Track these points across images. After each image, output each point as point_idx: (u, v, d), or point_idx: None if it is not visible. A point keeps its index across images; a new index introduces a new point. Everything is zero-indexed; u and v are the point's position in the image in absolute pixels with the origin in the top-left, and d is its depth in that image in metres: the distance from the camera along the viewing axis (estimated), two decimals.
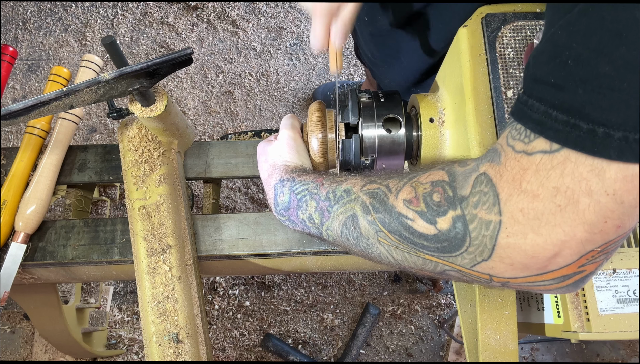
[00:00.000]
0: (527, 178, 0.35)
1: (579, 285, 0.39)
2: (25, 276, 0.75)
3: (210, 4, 1.82)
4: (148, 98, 0.64)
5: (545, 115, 0.34)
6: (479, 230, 0.38)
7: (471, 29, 0.60)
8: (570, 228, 0.33)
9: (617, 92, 0.30)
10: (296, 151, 0.64)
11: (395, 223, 0.43)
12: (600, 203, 0.32)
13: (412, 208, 0.42)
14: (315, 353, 1.44)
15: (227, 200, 1.58)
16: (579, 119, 0.31)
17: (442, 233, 0.40)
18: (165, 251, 0.68)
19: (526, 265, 0.37)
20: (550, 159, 0.33)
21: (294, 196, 0.58)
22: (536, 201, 0.34)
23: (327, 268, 0.78)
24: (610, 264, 0.62)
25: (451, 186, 0.41)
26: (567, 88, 0.32)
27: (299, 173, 0.60)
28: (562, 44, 0.33)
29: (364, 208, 0.47)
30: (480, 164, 0.40)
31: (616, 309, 0.60)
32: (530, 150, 0.35)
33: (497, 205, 0.36)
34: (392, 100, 0.65)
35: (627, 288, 0.61)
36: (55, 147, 0.77)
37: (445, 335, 1.44)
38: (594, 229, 0.33)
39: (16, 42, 1.79)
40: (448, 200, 0.40)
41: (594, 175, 0.31)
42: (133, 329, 1.45)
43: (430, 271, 0.44)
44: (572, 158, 0.32)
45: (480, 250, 0.38)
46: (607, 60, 0.30)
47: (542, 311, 0.66)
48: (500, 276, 0.39)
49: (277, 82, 1.74)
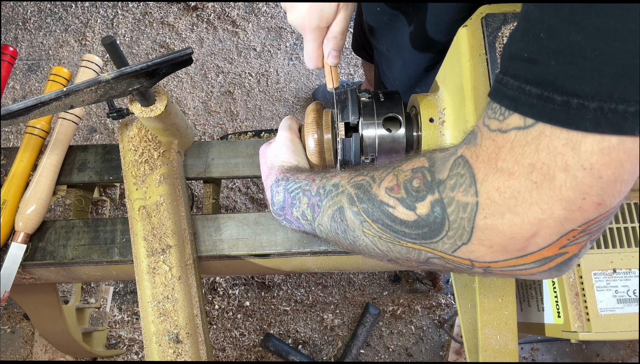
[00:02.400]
0: (502, 156, 0.34)
1: (563, 268, 0.37)
2: (25, 276, 0.75)
3: (210, 4, 1.82)
4: (148, 98, 0.64)
5: (519, 90, 0.33)
6: (457, 213, 0.37)
7: (471, 29, 0.60)
8: (548, 205, 0.32)
9: (589, 61, 0.29)
10: (292, 151, 0.65)
11: (377, 212, 0.43)
12: (577, 178, 0.31)
13: (392, 195, 0.42)
14: (315, 353, 1.44)
15: (227, 200, 1.58)
16: (553, 91, 0.30)
17: (421, 218, 0.39)
18: (165, 251, 0.68)
19: (505, 246, 0.36)
20: (524, 135, 0.32)
21: (287, 194, 0.59)
22: (512, 179, 0.33)
23: (327, 268, 0.78)
24: (610, 264, 0.62)
25: (430, 171, 0.40)
26: (539, 61, 0.31)
27: (293, 172, 0.61)
28: (534, 18, 0.32)
29: (350, 199, 0.47)
30: (458, 147, 0.39)
31: (616, 309, 0.60)
32: (505, 127, 0.34)
33: (473, 186, 0.36)
34: (392, 99, 0.65)
35: (627, 288, 0.61)
36: (55, 147, 0.77)
37: (445, 335, 1.44)
38: (572, 206, 0.32)
39: (16, 42, 1.79)
40: (426, 185, 0.40)
41: (569, 148, 0.30)
42: (133, 329, 1.45)
43: (415, 260, 0.44)
44: (547, 132, 0.31)
45: (460, 233, 0.37)
46: (578, 28, 0.29)
47: (542, 311, 0.66)
48: (480, 260, 0.38)
49: (277, 82, 1.74)
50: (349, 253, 0.73)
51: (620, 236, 0.64)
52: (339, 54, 0.62)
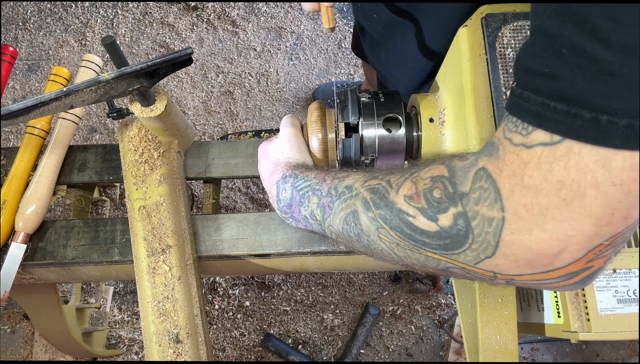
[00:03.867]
0: (528, 172, 0.33)
1: (587, 281, 0.37)
2: (25, 276, 0.75)
3: (210, 4, 1.82)
4: (148, 98, 0.64)
5: (543, 106, 0.32)
6: (481, 227, 0.37)
7: (471, 29, 0.60)
8: (577, 222, 0.32)
9: (618, 78, 0.29)
10: (298, 147, 0.64)
11: (396, 219, 0.43)
12: (607, 194, 0.31)
13: (412, 204, 0.42)
14: (315, 353, 1.44)
15: (227, 200, 1.58)
16: (580, 108, 0.30)
17: (443, 230, 0.39)
18: (165, 251, 0.68)
19: (531, 262, 0.36)
20: (552, 151, 0.32)
21: (296, 192, 0.58)
22: (540, 196, 0.33)
23: (327, 268, 0.78)
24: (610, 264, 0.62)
25: (451, 181, 0.40)
26: (564, 77, 0.31)
27: (301, 169, 0.60)
28: (553, 33, 0.32)
29: (365, 204, 0.46)
30: (478, 158, 0.39)
31: (616, 309, 0.60)
32: (530, 142, 0.33)
33: (499, 202, 0.35)
34: (392, 99, 0.65)
35: (627, 288, 0.61)
36: (55, 147, 0.77)
37: (445, 335, 1.44)
38: (602, 222, 0.32)
39: (16, 42, 1.79)
40: (448, 197, 0.39)
41: (599, 165, 0.30)
42: (133, 329, 1.45)
43: (434, 268, 0.43)
44: (576, 149, 0.31)
45: (484, 247, 0.37)
46: (605, 45, 0.29)
47: (542, 311, 0.66)
48: (504, 273, 0.38)
49: (277, 82, 1.74)
50: (349, 253, 0.73)
51: None
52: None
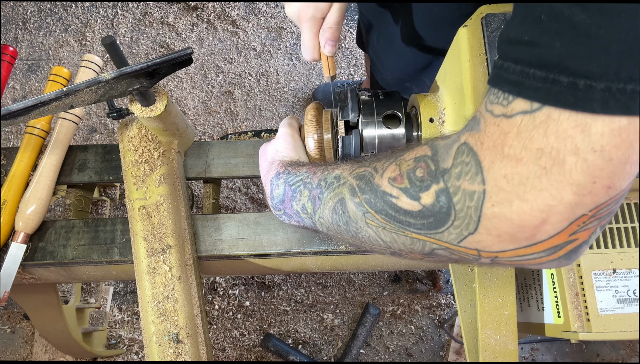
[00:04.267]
0: (508, 142, 0.33)
1: (572, 256, 0.37)
2: (25, 276, 0.75)
3: (210, 4, 1.82)
4: (148, 98, 0.64)
5: (522, 74, 0.32)
6: (463, 202, 0.36)
7: (471, 29, 0.60)
8: (557, 191, 0.32)
9: (594, 40, 0.28)
10: (293, 146, 0.65)
11: (380, 202, 0.43)
12: (587, 161, 0.30)
13: (396, 185, 0.41)
14: (315, 353, 1.44)
15: (227, 200, 1.58)
16: (558, 73, 0.30)
17: (426, 208, 0.39)
18: (165, 251, 0.68)
19: (513, 235, 0.35)
20: (531, 119, 0.31)
21: (288, 187, 0.58)
22: (520, 165, 0.32)
23: (327, 268, 0.78)
24: (610, 264, 0.62)
25: (433, 159, 0.39)
26: (542, 43, 0.31)
27: (294, 165, 0.61)
28: (532, 1, 0.31)
29: (352, 190, 0.46)
30: (461, 134, 0.38)
31: (616, 309, 0.60)
32: (510, 112, 0.33)
33: (479, 174, 0.35)
34: (391, 98, 0.66)
35: (627, 288, 0.61)
36: (55, 147, 0.77)
37: (445, 335, 1.44)
38: (583, 190, 0.31)
39: (16, 42, 1.79)
40: (430, 174, 0.39)
41: (579, 131, 0.29)
42: (133, 329, 1.45)
43: (419, 252, 0.43)
44: (555, 115, 0.30)
45: (466, 222, 0.37)
46: (581, 8, 0.28)
47: (542, 311, 0.66)
48: (488, 250, 0.37)
49: (277, 82, 1.74)
50: (349, 253, 0.73)
51: (620, 236, 0.64)
52: (335, 43, 0.63)
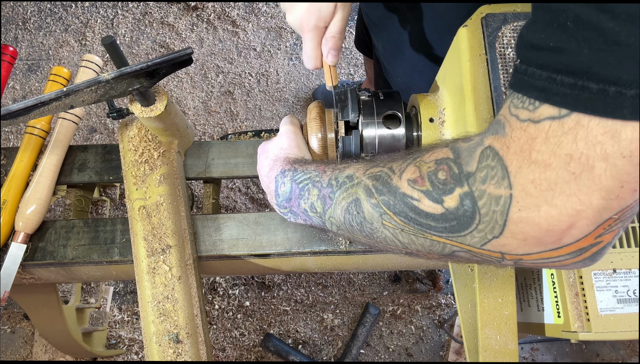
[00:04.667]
0: (536, 147, 0.33)
1: (596, 257, 0.37)
2: (25, 276, 0.75)
3: (210, 4, 1.82)
4: (148, 98, 0.64)
5: (549, 80, 0.32)
6: (488, 206, 0.36)
7: (471, 29, 0.60)
8: (586, 196, 0.32)
9: (625, 48, 0.28)
10: (297, 144, 0.64)
11: (400, 204, 0.42)
12: (616, 166, 0.30)
13: (417, 188, 0.41)
14: (315, 353, 1.44)
15: (227, 200, 1.58)
16: (587, 80, 0.30)
17: (449, 211, 0.39)
18: (165, 251, 0.68)
19: (540, 239, 0.35)
20: (560, 125, 0.31)
21: (295, 185, 0.57)
22: (549, 170, 0.32)
23: (327, 268, 0.78)
24: (610, 264, 0.62)
25: (456, 162, 0.39)
26: (569, 50, 0.31)
27: (300, 163, 0.60)
28: (556, 7, 0.32)
29: (367, 191, 0.46)
30: (484, 137, 0.38)
31: (616, 309, 0.60)
32: (537, 117, 0.33)
33: (506, 179, 0.35)
34: (391, 98, 0.66)
35: (627, 288, 0.61)
36: (55, 147, 0.77)
37: (445, 335, 1.44)
38: (611, 195, 0.32)
39: (16, 42, 1.79)
40: (454, 177, 0.39)
41: (608, 137, 0.30)
42: (133, 329, 1.45)
43: (438, 253, 0.43)
44: (584, 121, 0.30)
45: (491, 226, 0.37)
46: (610, 16, 0.28)
47: (542, 311, 0.66)
48: (512, 253, 0.37)
49: (277, 82, 1.74)
50: (349, 253, 0.73)
51: (620, 236, 0.64)
52: (337, 53, 0.62)
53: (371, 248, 0.69)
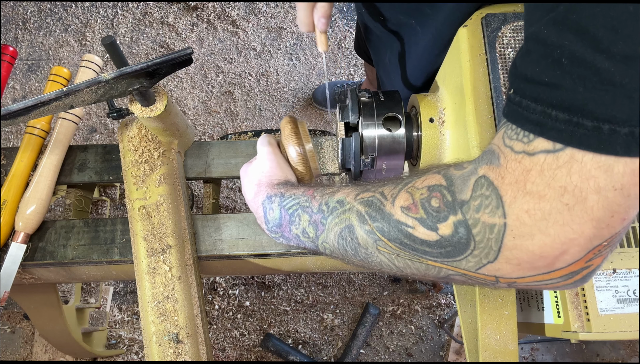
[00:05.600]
0: (531, 179, 0.34)
1: (586, 279, 0.39)
2: (25, 276, 0.75)
3: (210, 4, 1.82)
4: (148, 98, 0.64)
5: (543, 115, 0.33)
6: (483, 234, 0.37)
7: (471, 29, 0.60)
8: (579, 226, 0.33)
9: (619, 88, 0.29)
10: (277, 164, 0.64)
11: (394, 231, 0.43)
12: (608, 198, 0.32)
13: (411, 215, 0.42)
14: (315, 353, 1.44)
15: (227, 200, 1.58)
16: (582, 117, 0.31)
17: (444, 239, 0.40)
18: (165, 251, 0.68)
19: (533, 264, 0.37)
20: (555, 159, 0.33)
21: (284, 211, 0.57)
22: (543, 201, 0.34)
23: (327, 268, 0.78)
24: (610, 264, 0.62)
25: (449, 190, 0.40)
26: (564, 86, 0.32)
27: (286, 187, 0.60)
28: (551, 42, 0.33)
29: (360, 217, 0.46)
30: (478, 167, 0.39)
31: (616, 309, 0.60)
32: (532, 150, 0.34)
33: (500, 208, 0.36)
34: (392, 99, 0.66)
35: (627, 288, 0.61)
36: (55, 147, 0.77)
37: (445, 335, 1.44)
38: (602, 224, 0.33)
39: (16, 42, 1.79)
40: (447, 205, 0.40)
41: (601, 172, 0.31)
42: (133, 329, 1.45)
43: (434, 276, 0.44)
44: (578, 156, 0.32)
45: (486, 252, 0.38)
46: (606, 56, 0.30)
47: (542, 311, 0.66)
48: (507, 277, 0.39)
49: (277, 82, 1.74)
50: None
51: None
52: (327, 21, 0.68)
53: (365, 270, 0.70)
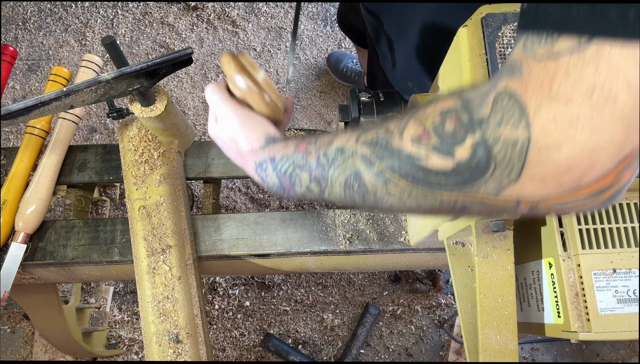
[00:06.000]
0: (557, 81, 0.31)
1: (615, 197, 0.35)
2: (25, 276, 0.75)
3: (210, 4, 1.82)
4: (148, 98, 0.64)
5: (564, 12, 0.31)
6: (505, 151, 0.34)
7: (471, 29, 0.60)
8: (609, 129, 0.30)
9: None
10: (245, 121, 0.57)
11: (406, 166, 0.39)
12: (638, 94, 0.29)
13: (423, 144, 0.38)
14: (315, 353, 1.44)
15: (227, 200, 1.58)
16: (605, 6, 0.29)
17: (461, 164, 0.36)
18: (165, 251, 0.68)
19: (560, 180, 0.34)
20: (580, 56, 0.30)
21: (281, 175, 0.53)
22: (570, 104, 0.31)
23: (327, 268, 0.78)
24: (610, 264, 0.62)
25: (466, 110, 0.37)
26: None
27: (273, 148, 0.54)
28: None
29: (366, 161, 0.43)
30: (498, 81, 0.36)
31: (616, 309, 0.60)
32: (556, 51, 0.31)
33: (523, 119, 0.33)
34: (392, 98, 0.66)
35: (627, 288, 0.61)
36: (55, 147, 0.77)
37: (445, 335, 1.44)
38: (632, 125, 0.30)
39: (16, 42, 1.79)
40: (463, 126, 0.36)
41: (631, 64, 0.29)
42: (133, 329, 1.45)
43: (448, 211, 0.41)
44: (605, 49, 0.29)
45: (507, 171, 0.35)
46: None
47: (542, 311, 0.66)
48: (529, 197, 0.36)
49: (277, 82, 1.74)
50: (349, 253, 0.73)
51: (620, 236, 0.64)
52: None
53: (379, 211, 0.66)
